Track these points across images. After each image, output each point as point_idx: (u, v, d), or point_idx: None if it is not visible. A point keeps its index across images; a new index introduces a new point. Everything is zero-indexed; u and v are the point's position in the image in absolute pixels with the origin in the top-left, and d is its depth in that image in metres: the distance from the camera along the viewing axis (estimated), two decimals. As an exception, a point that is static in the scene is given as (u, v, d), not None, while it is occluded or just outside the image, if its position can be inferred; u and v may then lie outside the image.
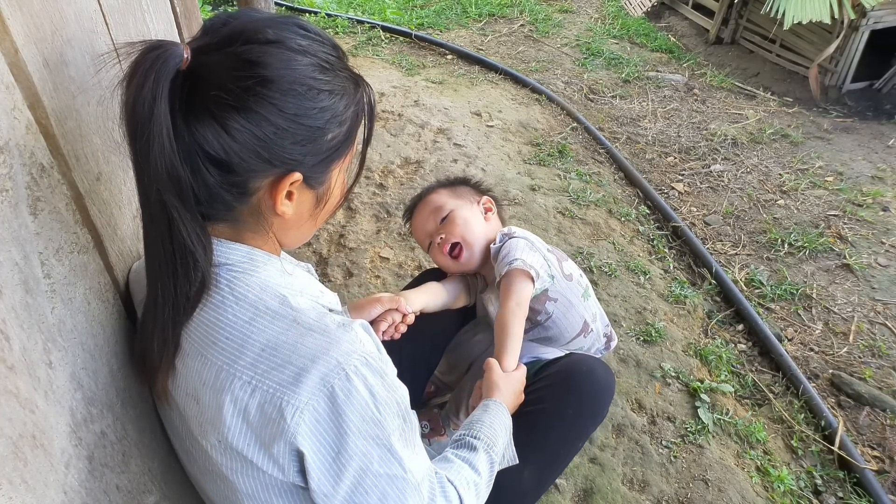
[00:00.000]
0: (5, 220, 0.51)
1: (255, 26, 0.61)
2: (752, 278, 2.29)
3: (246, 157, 0.61)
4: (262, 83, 0.59)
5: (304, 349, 0.62)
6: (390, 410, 0.65)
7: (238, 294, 0.66)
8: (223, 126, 0.59)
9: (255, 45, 0.60)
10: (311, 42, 0.64)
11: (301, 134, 0.63)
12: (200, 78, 0.59)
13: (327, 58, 0.65)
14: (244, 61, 0.59)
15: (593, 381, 1.13)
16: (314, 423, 0.61)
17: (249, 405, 0.62)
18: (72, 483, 0.58)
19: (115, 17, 0.79)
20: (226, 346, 0.64)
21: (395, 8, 4.62)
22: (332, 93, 0.64)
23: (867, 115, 3.83)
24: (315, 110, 0.63)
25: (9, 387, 0.49)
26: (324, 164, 0.68)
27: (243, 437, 0.63)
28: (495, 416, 0.94)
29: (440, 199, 1.29)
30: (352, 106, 0.67)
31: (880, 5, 3.68)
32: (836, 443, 1.65)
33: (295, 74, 0.61)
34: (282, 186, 0.65)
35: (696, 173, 2.96)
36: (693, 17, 4.85)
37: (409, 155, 2.66)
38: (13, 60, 0.55)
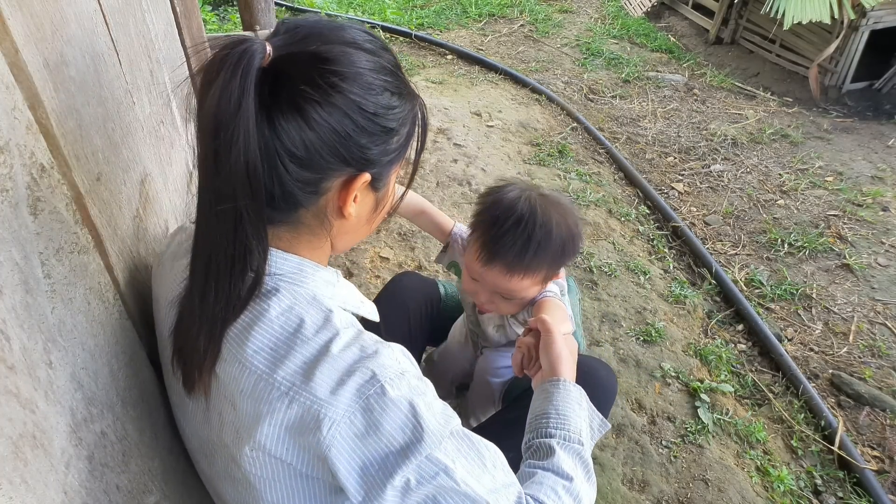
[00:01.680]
0: (5, 220, 0.51)
1: (330, 28, 0.64)
2: (752, 278, 2.29)
3: (325, 154, 0.62)
4: (344, 79, 0.61)
5: (342, 362, 0.62)
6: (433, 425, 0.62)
7: (285, 305, 0.66)
8: (306, 120, 0.60)
9: (335, 45, 0.62)
10: (377, 47, 0.66)
11: (376, 133, 0.65)
12: (283, 73, 0.60)
13: (392, 62, 0.67)
14: (326, 59, 0.61)
15: (595, 383, 1.13)
16: (350, 436, 0.60)
17: (287, 416, 0.61)
18: (72, 483, 0.58)
19: (116, 17, 0.79)
20: (267, 356, 0.64)
21: (395, 8, 4.62)
22: (401, 96, 0.67)
23: (867, 115, 3.83)
24: (389, 110, 0.65)
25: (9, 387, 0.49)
26: (388, 167, 0.69)
27: (282, 445, 0.63)
28: (561, 400, 0.84)
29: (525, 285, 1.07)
30: (412, 112, 0.70)
31: (880, 5, 3.68)
32: (835, 443, 1.65)
33: (373, 75, 0.63)
34: (353, 187, 0.66)
35: (696, 173, 2.96)
36: (693, 17, 4.85)
37: (409, 155, 2.66)
38: (13, 60, 0.55)
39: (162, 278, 0.77)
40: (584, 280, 2.10)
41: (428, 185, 2.50)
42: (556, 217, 1.04)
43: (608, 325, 1.94)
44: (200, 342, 0.66)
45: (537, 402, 0.86)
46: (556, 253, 1.04)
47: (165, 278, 0.76)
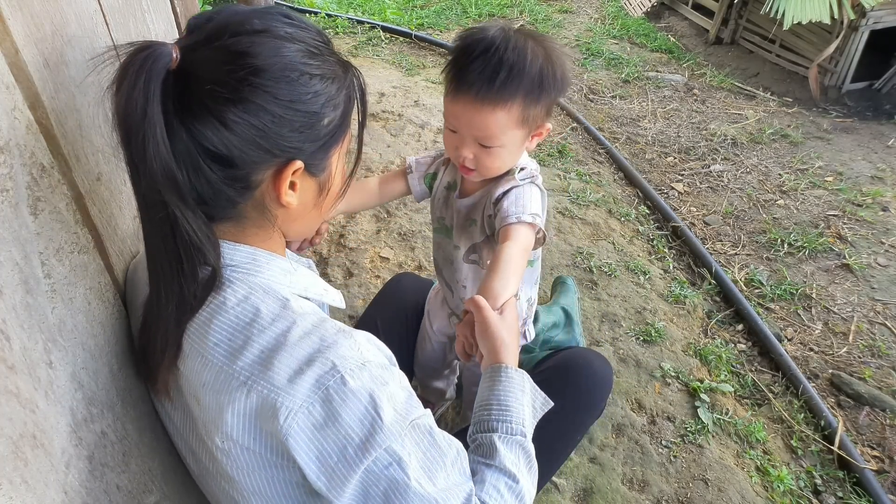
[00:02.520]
0: (6, 220, 0.51)
1: (240, 18, 0.62)
2: (752, 278, 2.29)
3: (246, 150, 0.61)
4: (254, 72, 0.59)
5: (301, 351, 0.62)
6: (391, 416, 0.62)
7: (240, 295, 0.66)
8: (220, 120, 0.59)
9: (243, 37, 0.60)
10: (296, 29, 0.64)
11: (298, 120, 0.63)
12: (192, 75, 0.59)
13: (315, 43, 0.65)
14: (234, 53, 0.59)
15: (590, 374, 1.12)
16: (309, 426, 0.60)
17: (247, 405, 0.62)
18: (72, 483, 0.58)
19: (116, 17, 0.79)
20: (226, 348, 0.64)
21: (395, 8, 4.62)
22: (323, 77, 0.64)
23: (867, 115, 3.83)
24: (309, 95, 0.63)
25: (9, 387, 0.49)
26: (323, 150, 0.68)
27: (247, 434, 0.63)
28: (503, 389, 0.81)
29: (502, 122, 0.95)
30: (343, 90, 0.68)
31: (880, 5, 3.68)
32: (835, 442, 1.65)
33: (285, 61, 0.61)
34: (284, 176, 0.65)
35: (696, 173, 2.96)
36: (693, 17, 4.85)
37: (409, 155, 2.66)
38: (13, 60, 0.55)
39: (135, 284, 0.77)
40: (584, 280, 2.10)
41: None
42: (533, 44, 0.94)
43: (608, 325, 1.94)
44: (157, 342, 0.66)
45: (481, 391, 0.83)
46: (532, 80, 0.93)
47: (138, 283, 0.76)
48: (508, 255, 0.92)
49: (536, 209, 0.98)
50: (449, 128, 1.01)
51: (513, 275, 0.90)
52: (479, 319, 0.85)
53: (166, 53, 0.58)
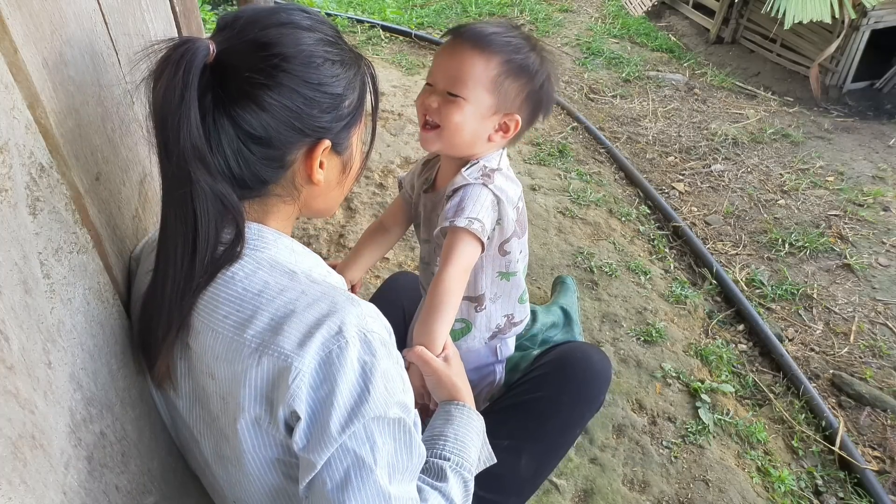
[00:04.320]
0: (4, 220, 0.51)
1: (266, 13, 0.69)
2: (753, 278, 2.28)
3: (283, 130, 0.67)
4: (284, 59, 0.65)
5: (310, 316, 0.64)
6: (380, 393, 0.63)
7: (248, 269, 0.68)
8: (258, 104, 0.65)
9: (271, 29, 0.67)
10: (314, 22, 0.71)
11: (326, 102, 0.69)
12: (229, 66, 0.65)
13: (332, 34, 0.72)
14: (265, 44, 0.65)
15: (588, 367, 1.12)
16: (309, 388, 0.62)
17: (258, 372, 0.63)
18: (71, 483, 0.58)
19: (115, 16, 0.79)
20: (235, 319, 0.65)
21: (394, 7, 4.62)
22: (343, 62, 0.71)
23: (868, 115, 3.83)
24: (333, 78, 0.69)
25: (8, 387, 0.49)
26: (346, 130, 0.74)
27: (258, 404, 0.64)
28: (461, 425, 0.84)
29: (476, 71, 0.95)
30: (359, 75, 0.74)
31: (881, 5, 3.68)
32: (836, 443, 1.65)
33: (310, 49, 0.67)
34: (315, 155, 0.71)
35: (697, 173, 2.96)
36: (693, 16, 4.85)
37: (409, 154, 2.66)
38: (12, 60, 0.55)
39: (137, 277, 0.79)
40: (584, 280, 2.10)
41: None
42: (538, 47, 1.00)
43: (608, 325, 1.94)
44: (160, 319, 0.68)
45: (438, 421, 0.86)
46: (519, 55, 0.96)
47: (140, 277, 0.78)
48: (442, 285, 0.92)
49: (477, 213, 0.94)
50: (427, 83, 1.01)
51: (447, 308, 0.91)
52: (426, 372, 0.89)
53: (204, 47, 0.63)
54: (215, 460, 0.73)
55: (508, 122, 1.01)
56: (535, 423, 1.06)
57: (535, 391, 1.08)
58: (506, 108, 0.99)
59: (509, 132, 1.02)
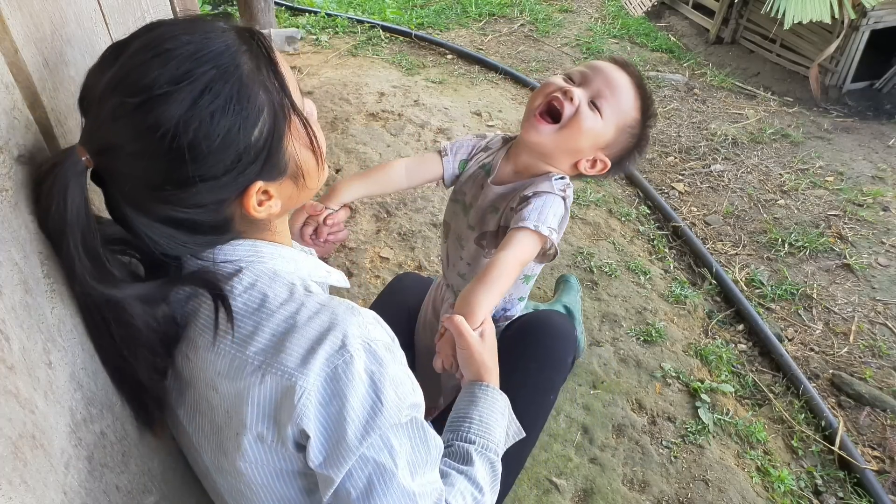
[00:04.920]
0: (5, 219, 0.51)
1: (115, 86, 0.56)
2: (753, 278, 2.29)
3: (196, 212, 0.62)
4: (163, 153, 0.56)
5: (311, 331, 0.63)
6: (393, 401, 0.63)
7: (246, 283, 0.67)
8: (158, 207, 0.60)
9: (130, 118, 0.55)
10: (178, 64, 0.56)
11: (228, 162, 0.60)
12: (113, 174, 0.59)
13: (198, 63, 0.56)
14: (133, 139, 0.56)
15: (549, 329, 1.12)
16: (318, 405, 0.61)
17: (262, 391, 0.62)
18: (71, 483, 0.58)
19: (115, 16, 0.79)
20: (237, 336, 0.65)
21: (395, 8, 4.62)
22: (227, 103, 0.57)
23: (867, 115, 3.83)
24: (224, 136, 0.58)
25: (8, 387, 0.49)
26: (272, 158, 0.63)
27: (262, 422, 0.64)
28: (486, 407, 0.84)
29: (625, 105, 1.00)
30: (257, 86, 0.60)
31: (881, 5, 3.68)
32: (836, 443, 1.65)
33: (181, 119, 0.55)
34: (248, 202, 0.64)
35: (697, 173, 2.96)
36: (693, 16, 4.85)
37: (409, 154, 2.66)
38: (13, 60, 0.55)
39: None
40: (584, 280, 2.10)
41: (428, 184, 2.50)
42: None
43: (608, 325, 1.94)
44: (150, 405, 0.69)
45: (462, 403, 0.85)
46: (644, 133, 1.05)
47: None
48: (501, 265, 0.92)
49: (554, 224, 0.97)
50: (570, 77, 1.02)
51: (499, 287, 0.91)
52: (460, 344, 0.87)
53: (76, 162, 0.56)
54: (215, 470, 0.73)
55: (600, 161, 1.05)
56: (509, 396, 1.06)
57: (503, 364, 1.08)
58: (608, 151, 1.04)
59: (593, 169, 1.06)
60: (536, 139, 1.01)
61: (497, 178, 1.11)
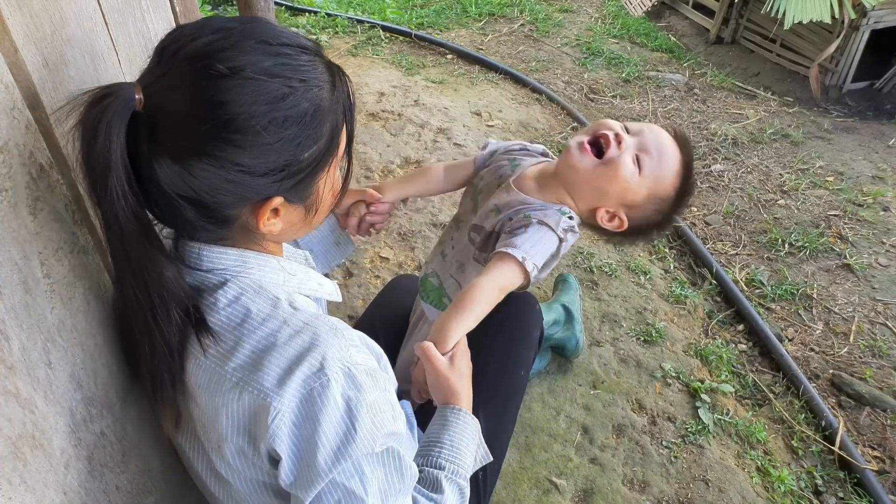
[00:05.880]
0: (5, 219, 0.51)
1: (208, 53, 0.56)
2: (753, 278, 2.29)
3: (217, 196, 0.60)
4: (219, 127, 0.56)
5: (291, 350, 0.62)
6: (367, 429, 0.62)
7: (231, 296, 0.66)
8: (187, 171, 0.58)
9: (210, 82, 0.56)
10: (275, 60, 0.58)
11: (271, 166, 0.60)
12: (157, 123, 0.57)
13: (295, 74, 0.59)
14: (199, 104, 0.56)
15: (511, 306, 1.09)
16: (291, 426, 0.60)
17: (239, 407, 0.62)
18: (71, 483, 0.58)
19: (115, 16, 0.79)
20: (217, 349, 0.64)
21: (394, 7, 4.62)
22: (301, 116, 0.59)
23: (868, 115, 3.83)
24: (282, 141, 0.59)
25: (8, 387, 0.49)
26: (304, 182, 0.65)
27: (240, 436, 0.63)
28: (457, 431, 0.83)
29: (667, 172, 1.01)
30: (328, 117, 0.63)
31: (881, 5, 3.68)
32: (836, 443, 1.65)
33: (255, 109, 0.56)
34: (263, 212, 0.64)
35: (697, 173, 2.96)
36: (693, 16, 4.85)
37: (409, 155, 2.66)
38: (13, 60, 0.55)
39: None
40: (584, 280, 2.10)
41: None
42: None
43: (608, 325, 1.94)
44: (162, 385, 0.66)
45: (434, 427, 0.85)
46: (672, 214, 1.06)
47: None
48: (481, 291, 0.92)
49: (540, 262, 0.97)
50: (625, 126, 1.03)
51: (475, 314, 0.91)
52: (428, 370, 0.87)
53: (128, 98, 0.55)
54: (207, 475, 0.73)
55: (619, 218, 1.05)
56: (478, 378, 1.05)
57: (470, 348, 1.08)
58: (631, 212, 1.04)
59: (610, 223, 1.06)
60: (574, 164, 1.00)
61: (518, 180, 1.10)
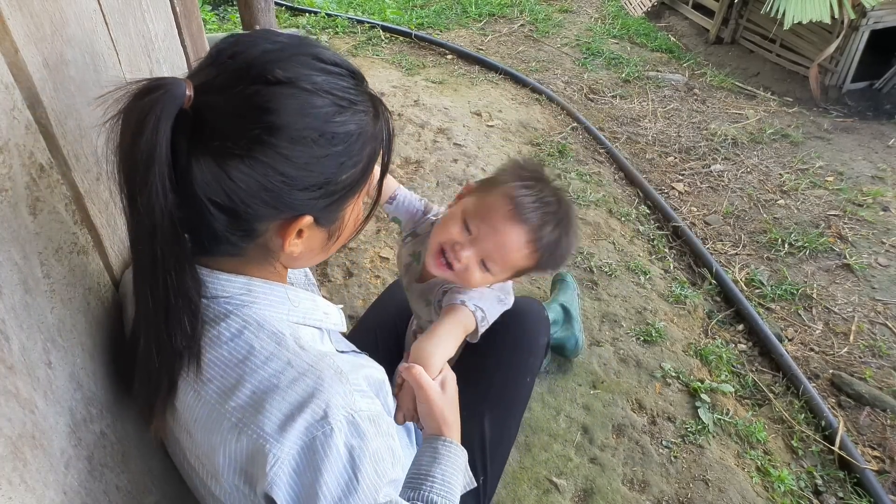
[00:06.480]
0: (5, 219, 0.51)
1: (265, 61, 0.57)
2: (753, 278, 2.29)
3: (251, 204, 0.58)
4: (269, 131, 0.55)
5: (294, 395, 0.60)
6: (369, 481, 0.61)
7: (234, 329, 0.64)
8: (226, 173, 0.56)
9: (264, 87, 0.56)
10: (327, 77, 0.59)
11: (312, 181, 0.59)
12: (204, 121, 0.55)
13: (345, 94, 0.60)
14: (251, 107, 0.55)
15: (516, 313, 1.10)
16: (291, 473, 0.59)
17: (237, 448, 0.60)
18: (71, 483, 0.58)
19: (115, 16, 0.79)
20: (218, 385, 0.62)
21: (395, 8, 4.62)
22: (347, 135, 0.60)
23: (867, 115, 3.83)
24: (327, 157, 0.59)
25: (8, 387, 0.49)
26: (336, 205, 0.64)
27: (236, 475, 0.62)
28: (448, 465, 0.82)
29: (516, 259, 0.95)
30: (369, 144, 0.63)
31: (880, 5, 3.68)
32: (836, 443, 1.65)
33: (306, 121, 0.57)
34: (291, 230, 0.62)
35: (697, 173, 2.96)
36: (693, 16, 4.85)
37: (410, 155, 2.66)
38: (13, 60, 0.55)
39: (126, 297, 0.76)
40: (584, 280, 2.10)
41: (428, 184, 2.50)
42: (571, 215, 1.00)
43: (608, 325, 1.94)
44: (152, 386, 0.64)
45: (425, 459, 0.84)
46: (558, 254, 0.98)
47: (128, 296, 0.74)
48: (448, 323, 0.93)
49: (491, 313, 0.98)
50: (465, 219, 0.95)
51: (451, 339, 0.91)
52: (420, 398, 0.85)
53: (179, 94, 0.54)
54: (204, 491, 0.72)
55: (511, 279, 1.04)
56: (484, 384, 1.05)
57: (476, 354, 1.08)
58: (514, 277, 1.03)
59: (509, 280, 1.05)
60: (436, 274, 1.00)
61: (423, 274, 1.12)
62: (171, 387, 0.65)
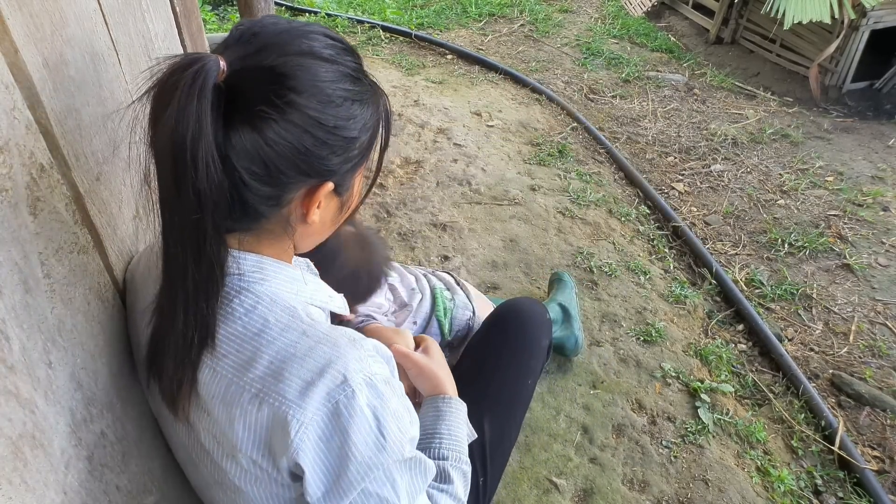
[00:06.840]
0: (5, 219, 0.51)
1: (286, 37, 0.61)
2: (753, 278, 2.29)
3: (284, 168, 0.61)
4: (301, 94, 0.59)
5: (312, 362, 0.62)
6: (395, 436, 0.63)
7: (248, 305, 0.66)
8: (263, 138, 0.58)
9: (290, 57, 0.60)
10: (336, 52, 0.64)
11: (337, 144, 0.64)
12: (238, 91, 0.58)
13: (353, 66, 0.66)
14: (281, 74, 0.59)
15: (519, 314, 1.13)
16: (317, 440, 0.60)
17: (258, 418, 0.62)
18: (71, 483, 0.58)
19: (115, 16, 0.79)
20: (235, 359, 0.64)
21: (395, 8, 4.62)
22: (362, 102, 0.66)
23: (867, 115, 3.83)
24: (349, 120, 0.64)
25: (8, 387, 0.49)
26: (351, 172, 0.69)
27: (256, 449, 0.63)
28: (452, 419, 0.87)
29: None
30: (374, 114, 0.69)
31: (880, 5, 3.68)
32: (836, 443, 1.65)
33: (330, 86, 0.62)
34: (316, 197, 0.65)
35: (697, 173, 2.96)
36: (693, 16, 4.85)
37: (409, 155, 2.66)
38: (13, 60, 0.55)
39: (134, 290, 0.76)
40: (584, 280, 2.10)
41: (428, 184, 2.50)
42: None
43: (608, 325, 1.94)
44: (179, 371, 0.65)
45: (428, 418, 0.88)
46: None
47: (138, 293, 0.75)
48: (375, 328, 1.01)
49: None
50: None
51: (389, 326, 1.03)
52: (407, 366, 0.91)
53: (215, 67, 0.56)
54: (215, 483, 0.72)
55: None
56: (484, 383, 1.06)
57: (477, 355, 1.09)
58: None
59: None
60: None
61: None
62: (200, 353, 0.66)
